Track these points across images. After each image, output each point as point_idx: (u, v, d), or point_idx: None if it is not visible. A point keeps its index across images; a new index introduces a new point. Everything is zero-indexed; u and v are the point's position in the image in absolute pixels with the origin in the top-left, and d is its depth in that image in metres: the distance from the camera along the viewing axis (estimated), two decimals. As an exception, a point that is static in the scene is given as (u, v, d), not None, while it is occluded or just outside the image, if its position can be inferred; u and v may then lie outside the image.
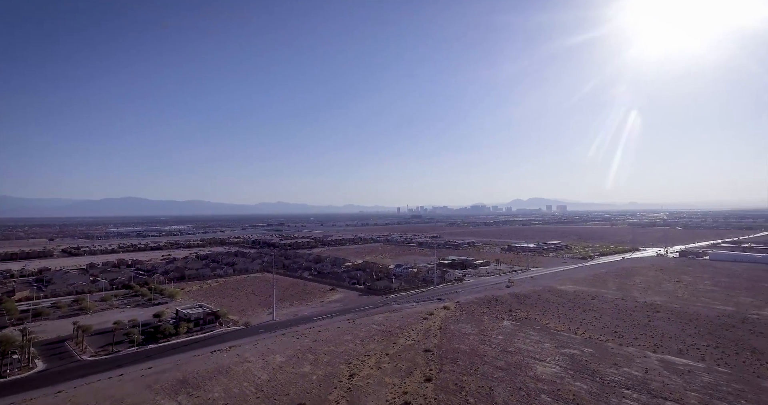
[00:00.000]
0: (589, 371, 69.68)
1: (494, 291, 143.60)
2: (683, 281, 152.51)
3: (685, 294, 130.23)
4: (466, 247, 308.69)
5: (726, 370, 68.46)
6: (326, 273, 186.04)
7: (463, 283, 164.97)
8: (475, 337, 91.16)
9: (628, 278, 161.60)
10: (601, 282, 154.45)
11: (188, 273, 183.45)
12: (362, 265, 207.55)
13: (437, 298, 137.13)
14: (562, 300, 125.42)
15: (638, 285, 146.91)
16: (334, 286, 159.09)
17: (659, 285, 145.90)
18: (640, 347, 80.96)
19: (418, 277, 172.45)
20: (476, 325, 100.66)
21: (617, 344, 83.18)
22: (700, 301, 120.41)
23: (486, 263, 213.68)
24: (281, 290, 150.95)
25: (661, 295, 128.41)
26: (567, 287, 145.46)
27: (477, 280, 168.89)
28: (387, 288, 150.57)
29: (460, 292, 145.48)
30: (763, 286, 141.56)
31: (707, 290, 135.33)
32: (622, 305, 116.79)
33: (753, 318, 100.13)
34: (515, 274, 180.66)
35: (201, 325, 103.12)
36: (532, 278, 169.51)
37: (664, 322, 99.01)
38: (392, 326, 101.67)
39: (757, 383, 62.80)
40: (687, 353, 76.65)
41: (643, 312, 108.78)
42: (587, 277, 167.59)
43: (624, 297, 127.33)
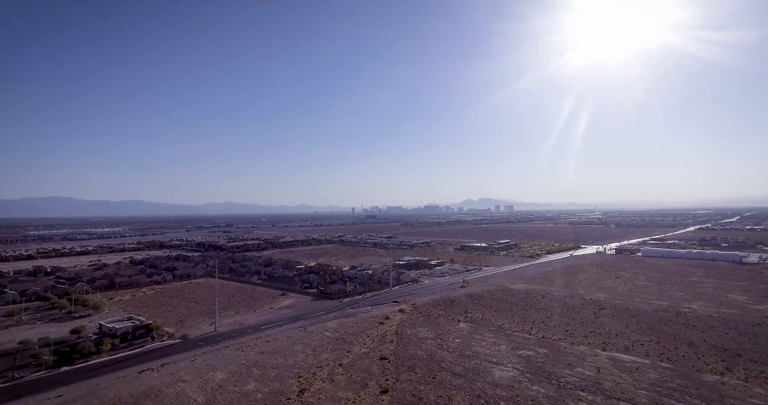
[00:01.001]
0: (545, 373, 69.21)
1: (450, 292, 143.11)
2: (622, 278, 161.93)
3: (625, 290, 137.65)
4: (420, 247, 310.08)
5: (669, 365, 71.04)
6: (277, 277, 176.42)
7: (419, 284, 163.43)
8: (432, 342, 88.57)
9: (574, 276, 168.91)
10: (549, 280, 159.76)
11: (119, 280, 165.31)
12: (315, 267, 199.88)
13: (393, 300, 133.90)
14: (514, 299, 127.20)
15: (583, 282, 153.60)
16: (285, 291, 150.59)
17: (601, 282, 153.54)
18: (590, 345, 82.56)
19: (373, 279, 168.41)
20: (433, 329, 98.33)
21: (569, 343, 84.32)
22: (638, 296, 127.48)
23: (441, 263, 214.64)
24: (226, 297, 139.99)
25: (603, 292, 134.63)
26: (519, 286, 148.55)
27: (432, 281, 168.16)
28: (341, 291, 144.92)
29: (415, 293, 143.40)
30: (690, 280, 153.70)
31: (643, 286, 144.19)
32: (570, 303, 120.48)
33: (686, 312, 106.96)
34: (469, 274, 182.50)
35: (129, 341, 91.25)
36: (485, 278, 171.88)
37: (609, 318, 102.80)
38: (346, 333, 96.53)
39: (697, 378, 65.40)
40: (633, 350, 79.11)
41: (589, 309, 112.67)
42: (536, 275, 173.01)
43: (571, 294, 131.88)
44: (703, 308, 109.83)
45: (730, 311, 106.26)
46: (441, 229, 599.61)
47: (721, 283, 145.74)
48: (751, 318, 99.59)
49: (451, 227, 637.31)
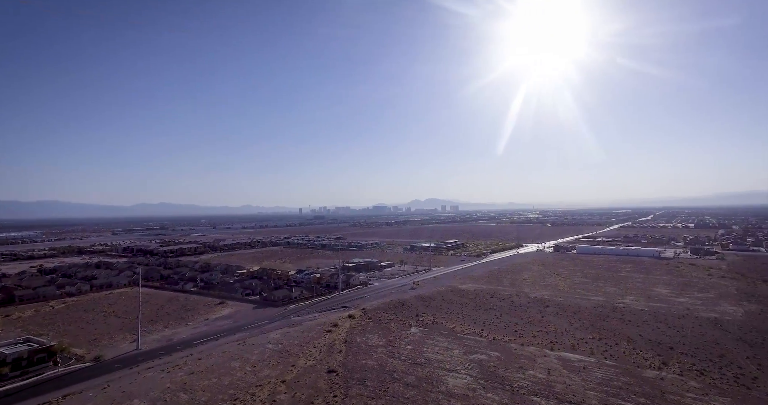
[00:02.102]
0: (498, 379, 67.65)
1: (400, 294, 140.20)
2: (561, 275, 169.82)
3: (565, 287, 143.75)
4: (370, 249, 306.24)
5: (612, 362, 72.89)
6: (215, 284, 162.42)
7: (369, 287, 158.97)
8: (384, 350, 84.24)
9: (518, 274, 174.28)
10: (496, 279, 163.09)
11: (21, 293, 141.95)
12: (259, 272, 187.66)
13: (342, 305, 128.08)
14: (464, 300, 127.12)
15: (527, 280, 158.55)
16: (224, 299, 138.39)
17: (544, 279, 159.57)
18: (539, 346, 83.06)
19: (321, 283, 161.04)
20: (384, 335, 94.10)
21: (519, 344, 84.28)
22: (578, 293, 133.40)
23: (390, 264, 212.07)
24: (155, 308, 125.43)
25: (547, 289, 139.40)
26: (468, 286, 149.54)
27: (382, 283, 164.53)
28: (286, 298, 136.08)
29: (365, 297, 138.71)
30: (620, 275, 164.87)
31: (581, 282, 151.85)
32: (517, 302, 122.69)
33: (620, 307, 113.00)
34: (419, 275, 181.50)
35: (24, 368, 76.33)
36: (435, 278, 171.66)
37: (554, 316, 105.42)
38: (291, 344, 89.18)
39: (638, 374, 67.39)
40: (578, 348, 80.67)
41: (535, 307, 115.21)
42: (484, 274, 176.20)
43: (517, 293, 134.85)
44: (634, 303, 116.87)
45: (658, 305, 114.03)
46: (390, 229, 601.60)
47: (646, 278, 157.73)
48: (676, 311, 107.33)
49: (400, 227, 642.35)
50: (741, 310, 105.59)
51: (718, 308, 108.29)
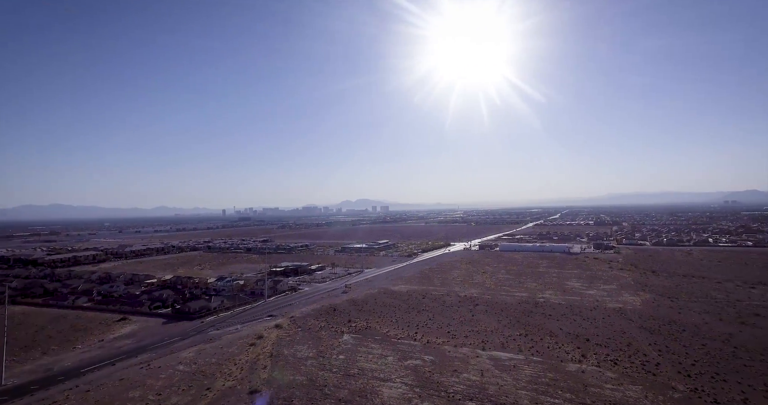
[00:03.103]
0: (433, 385, 65.69)
1: (331, 299, 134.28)
2: (487, 272, 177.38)
3: (492, 284, 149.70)
4: (299, 251, 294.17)
5: (539, 358, 75.34)
6: (116, 297, 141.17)
7: (298, 292, 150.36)
8: (314, 362, 78.10)
9: (448, 273, 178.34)
10: (427, 279, 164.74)
11: None
12: (172, 281, 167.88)
13: (268, 314, 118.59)
14: (397, 302, 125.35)
15: (457, 279, 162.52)
16: (127, 315, 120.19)
17: (472, 277, 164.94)
18: (471, 346, 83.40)
19: (245, 291, 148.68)
20: (314, 345, 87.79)
21: (453, 346, 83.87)
22: (503, 289, 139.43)
23: (321, 267, 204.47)
24: (32, 331, 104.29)
25: (475, 288, 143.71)
26: (400, 287, 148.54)
27: (313, 288, 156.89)
28: (204, 309, 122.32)
29: (294, 303, 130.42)
30: (539, 271, 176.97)
31: (506, 279, 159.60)
32: (448, 301, 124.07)
33: (541, 301, 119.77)
34: (351, 277, 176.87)
35: None
36: (367, 280, 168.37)
37: (483, 315, 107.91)
38: (207, 363, 78.83)
39: (562, 368, 70.19)
40: (508, 346, 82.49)
41: (466, 306, 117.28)
42: (415, 275, 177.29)
43: (448, 292, 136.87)
44: (553, 297, 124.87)
45: (573, 298, 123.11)
46: (320, 230, 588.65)
47: (560, 272, 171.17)
48: (588, 303, 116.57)
49: (331, 228, 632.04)
50: (639, 299, 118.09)
51: (620, 298, 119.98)
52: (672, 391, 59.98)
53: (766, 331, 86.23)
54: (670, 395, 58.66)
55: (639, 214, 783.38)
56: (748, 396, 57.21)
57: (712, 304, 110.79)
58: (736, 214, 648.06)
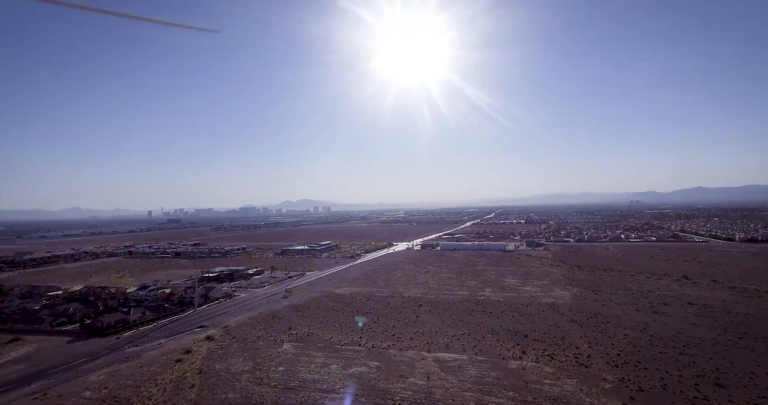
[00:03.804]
0: (379, 393, 63.15)
1: (270, 305, 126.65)
2: (430, 272, 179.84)
3: (434, 283, 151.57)
4: (236, 255, 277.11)
5: (482, 357, 76.22)
6: (8, 313, 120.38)
7: (234, 299, 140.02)
8: (250, 376, 71.72)
9: (392, 273, 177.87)
10: (371, 280, 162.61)
11: None
12: (82, 292, 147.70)
13: (199, 325, 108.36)
14: (341, 306, 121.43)
15: (400, 279, 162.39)
16: (20, 334, 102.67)
17: (415, 277, 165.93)
18: (416, 349, 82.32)
19: (172, 300, 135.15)
20: (251, 357, 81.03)
21: (398, 350, 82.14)
22: (445, 289, 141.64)
23: (260, 272, 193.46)
24: None
25: (419, 288, 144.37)
26: (344, 290, 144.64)
27: (250, 294, 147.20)
28: (121, 323, 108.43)
29: (229, 312, 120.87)
30: (478, 269, 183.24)
31: (447, 278, 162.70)
32: (392, 303, 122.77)
33: (482, 299, 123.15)
34: (292, 281, 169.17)
35: None
36: (309, 284, 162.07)
37: (427, 315, 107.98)
38: (121, 386, 68.92)
39: (504, 366, 71.52)
40: (452, 347, 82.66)
41: (410, 307, 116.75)
42: (359, 276, 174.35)
43: (392, 294, 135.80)
44: (492, 295, 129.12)
45: (510, 294, 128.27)
46: (259, 232, 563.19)
47: (497, 270, 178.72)
48: (524, 299, 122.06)
49: (271, 230, 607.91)
50: (568, 293, 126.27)
51: (552, 293, 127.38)
52: (603, 382, 63.40)
53: (674, 318, 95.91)
54: (602, 386, 61.89)
55: (563, 213, 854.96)
56: (666, 382, 62.15)
57: (629, 295, 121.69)
58: (640, 213, 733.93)
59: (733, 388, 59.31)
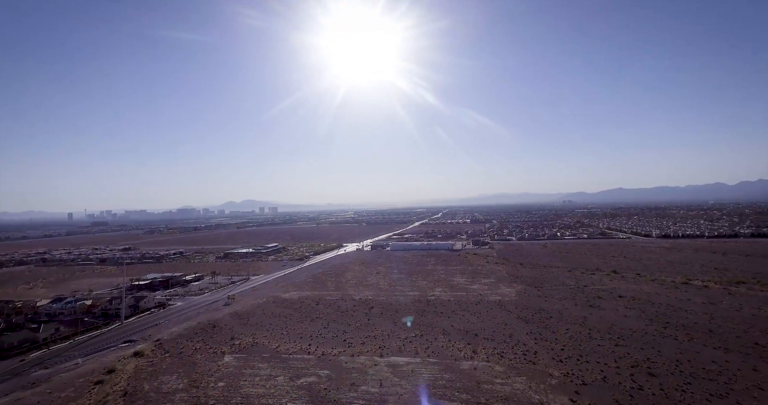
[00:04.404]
0: (330, 404, 59.71)
1: (211, 313, 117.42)
2: (381, 272, 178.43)
3: (386, 285, 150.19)
4: (172, 260, 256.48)
5: (435, 359, 75.50)
6: None
7: (169, 309, 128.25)
8: (185, 395, 64.78)
9: (342, 276, 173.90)
10: (321, 284, 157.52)
11: None
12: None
13: (126, 339, 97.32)
14: (289, 311, 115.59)
15: (351, 281, 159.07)
16: None
17: (366, 279, 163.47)
18: (368, 354, 79.76)
19: (94, 313, 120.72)
20: (186, 373, 73.54)
21: (350, 356, 79.00)
22: (397, 290, 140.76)
23: (199, 277, 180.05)
24: None
25: (370, 289, 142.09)
26: (292, 294, 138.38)
27: (187, 302, 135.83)
28: (27, 342, 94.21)
29: (163, 323, 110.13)
30: (427, 269, 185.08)
31: (398, 278, 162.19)
32: (343, 306, 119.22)
33: (432, 299, 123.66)
34: (235, 287, 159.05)
35: None
36: (254, 289, 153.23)
37: (379, 318, 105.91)
38: (26, 420, 58.80)
39: (457, 368, 71.28)
40: (405, 350, 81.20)
41: (361, 310, 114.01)
42: (308, 279, 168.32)
43: (343, 297, 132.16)
44: (442, 294, 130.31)
45: (459, 293, 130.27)
46: (199, 235, 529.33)
47: (446, 269, 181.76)
48: (473, 297, 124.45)
49: (212, 232, 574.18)
50: (513, 291, 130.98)
51: (499, 291, 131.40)
52: (550, 377, 65.21)
53: (608, 311, 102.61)
54: (549, 382, 63.57)
55: (504, 212, 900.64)
56: (606, 374, 65.35)
57: (568, 290, 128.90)
58: (572, 212, 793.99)
59: (663, 376, 63.71)
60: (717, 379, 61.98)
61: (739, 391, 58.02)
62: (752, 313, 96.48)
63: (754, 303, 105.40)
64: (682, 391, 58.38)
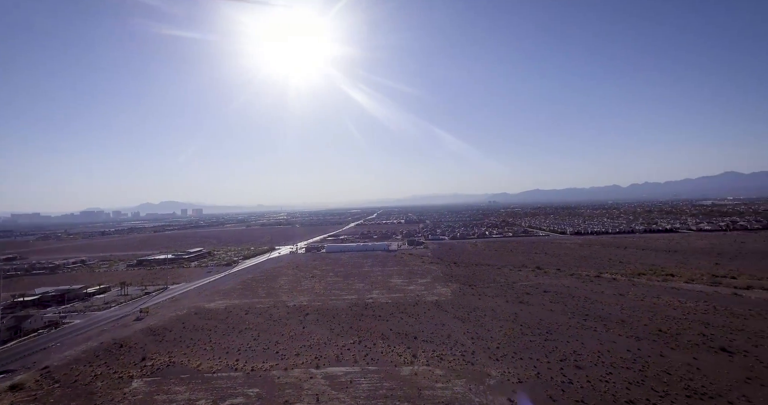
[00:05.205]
0: (261, 429, 53.61)
1: (117, 331, 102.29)
2: (316, 276, 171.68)
3: (321, 289, 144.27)
4: (71, 270, 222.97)
5: (374, 367, 72.46)
6: None
7: (63, 328, 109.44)
8: (78, 436, 53.94)
9: (274, 281, 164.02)
10: (250, 291, 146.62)
11: None
12: None
13: (1, 370, 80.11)
14: (213, 323, 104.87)
15: (284, 287, 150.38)
16: None
17: (300, 283, 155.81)
18: (304, 366, 74.29)
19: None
20: (81, 408, 61.87)
21: (283, 370, 72.81)
22: (333, 294, 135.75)
23: (105, 289, 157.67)
24: None
25: (304, 295, 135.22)
26: (217, 304, 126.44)
27: (88, 319, 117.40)
28: None
29: (53, 346, 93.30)
30: (364, 270, 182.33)
31: (334, 282, 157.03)
32: (275, 314, 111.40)
33: (370, 302, 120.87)
34: (150, 298, 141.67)
35: None
36: (173, 300, 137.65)
37: (315, 325, 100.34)
38: None
39: (397, 374, 69.00)
40: (343, 359, 77.04)
41: (295, 318, 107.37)
42: (236, 286, 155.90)
43: (275, 304, 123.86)
44: (380, 296, 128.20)
45: (397, 295, 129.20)
46: (107, 240, 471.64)
47: (383, 270, 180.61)
48: (410, 298, 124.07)
49: (124, 237, 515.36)
50: (449, 290, 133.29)
51: (435, 291, 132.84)
52: (488, 378, 65.66)
53: (536, 307, 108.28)
54: (487, 383, 63.91)
55: (437, 212, 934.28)
56: (539, 370, 67.56)
57: (499, 287, 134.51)
58: (498, 212, 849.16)
59: (588, 368, 67.52)
60: (633, 367, 67.22)
61: (651, 377, 63.29)
62: (653, 302, 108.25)
63: (654, 292, 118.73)
64: (605, 382, 62.11)
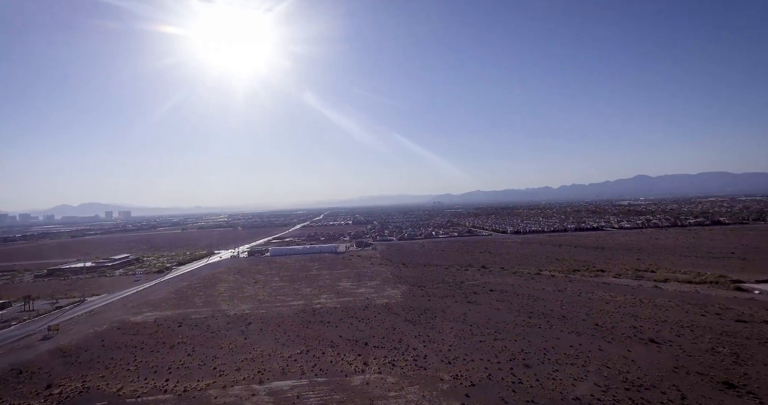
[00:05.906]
0: (194, 461, 47.27)
1: (17, 353, 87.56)
2: (259, 281, 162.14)
3: (265, 295, 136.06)
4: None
5: (323, 378, 68.25)
6: None
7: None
8: None
9: (213, 288, 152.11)
10: (185, 300, 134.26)
11: None
12: None
13: None
14: (139, 339, 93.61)
15: (224, 294, 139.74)
16: None
17: (242, 290, 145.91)
18: (245, 382, 67.97)
19: None
20: (-38, 454, 50.73)
21: (221, 387, 65.97)
22: (278, 300, 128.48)
23: (3, 305, 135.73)
24: None
25: (246, 302, 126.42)
26: (145, 316, 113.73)
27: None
28: None
29: (-71, 379, 76.95)
30: (311, 274, 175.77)
31: (279, 287, 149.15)
32: (214, 325, 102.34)
33: (318, 308, 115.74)
34: (63, 313, 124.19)
35: None
36: (90, 314, 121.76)
37: (258, 335, 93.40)
38: None
39: (348, 385, 65.46)
40: (289, 371, 71.79)
41: (236, 328, 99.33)
42: (168, 295, 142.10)
43: (213, 313, 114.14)
44: (329, 301, 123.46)
45: (346, 299, 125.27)
46: (10, 248, 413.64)
47: (331, 273, 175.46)
48: (360, 302, 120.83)
49: (31, 244, 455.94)
50: (399, 292, 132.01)
51: (385, 294, 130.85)
52: (441, 382, 64.41)
53: (483, 306, 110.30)
54: (440, 387, 62.61)
55: (384, 213, 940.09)
56: (490, 371, 67.68)
57: (447, 288, 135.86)
58: (443, 212, 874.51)
59: (536, 366, 68.93)
60: (576, 362, 69.81)
61: (593, 371, 66.00)
62: (588, 297, 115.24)
63: (588, 288, 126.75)
64: (552, 380, 63.58)
